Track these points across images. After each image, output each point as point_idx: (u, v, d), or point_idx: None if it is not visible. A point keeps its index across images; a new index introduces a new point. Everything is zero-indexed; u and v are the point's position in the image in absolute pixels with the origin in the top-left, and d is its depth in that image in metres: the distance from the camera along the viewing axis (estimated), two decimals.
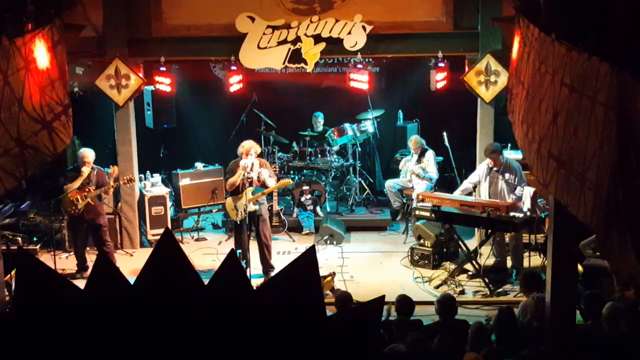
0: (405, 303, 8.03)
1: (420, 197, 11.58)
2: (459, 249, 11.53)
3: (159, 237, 3.22)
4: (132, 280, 2.97)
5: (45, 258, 11.44)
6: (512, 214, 10.47)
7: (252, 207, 10.97)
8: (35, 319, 2.87)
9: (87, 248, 11.70)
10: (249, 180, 10.94)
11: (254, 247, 11.18)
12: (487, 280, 10.63)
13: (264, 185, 11.06)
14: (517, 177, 10.98)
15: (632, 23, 5.23)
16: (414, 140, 13.15)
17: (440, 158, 13.42)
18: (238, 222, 10.94)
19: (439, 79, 12.28)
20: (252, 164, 10.94)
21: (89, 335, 2.85)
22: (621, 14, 5.47)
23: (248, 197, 10.89)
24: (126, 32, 12.00)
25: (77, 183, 11.11)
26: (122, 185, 11.85)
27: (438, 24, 11.98)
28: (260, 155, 11.37)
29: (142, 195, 12.89)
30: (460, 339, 7.19)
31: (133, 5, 12.02)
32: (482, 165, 11.39)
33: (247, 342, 2.87)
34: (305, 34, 11.85)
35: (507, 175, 11.03)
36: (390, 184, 13.46)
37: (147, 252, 3.77)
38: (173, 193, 13.57)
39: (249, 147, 10.90)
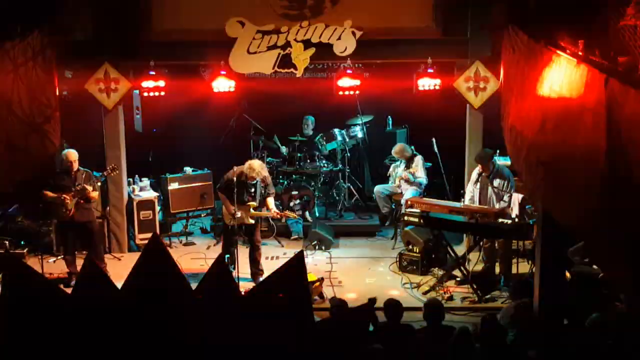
0: (393, 307, 8.01)
1: (409, 202, 11.59)
2: (448, 255, 11.53)
3: (147, 241, 3.20)
4: (119, 284, 2.96)
5: (33, 262, 11.38)
6: (500, 220, 10.48)
7: (250, 221, 11.03)
8: (22, 323, 2.86)
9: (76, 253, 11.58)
10: (251, 194, 10.99)
11: (242, 251, 11.18)
12: (475, 287, 10.63)
13: (265, 198, 11.17)
14: (507, 184, 10.99)
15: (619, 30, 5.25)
16: (397, 149, 13.11)
17: (429, 164, 13.41)
18: (234, 227, 10.94)
19: (421, 84, 12.29)
20: (256, 183, 11.02)
21: (76, 338, 2.84)
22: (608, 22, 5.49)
23: (250, 211, 10.95)
24: (116, 36, 11.94)
25: (50, 194, 11.11)
26: (108, 177, 11.94)
27: (428, 30, 11.98)
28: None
29: (130, 199, 12.85)
30: (447, 345, 7.18)
31: (123, 9, 11.96)
32: (475, 171, 11.40)
33: (235, 345, 2.86)
34: (295, 39, 11.84)
35: (497, 182, 11.04)
36: (379, 189, 13.45)
37: (135, 256, 3.77)
38: (162, 197, 13.53)
39: (257, 174, 10.96)
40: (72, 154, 11.23)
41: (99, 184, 11.68)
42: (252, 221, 11.10)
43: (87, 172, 11.39)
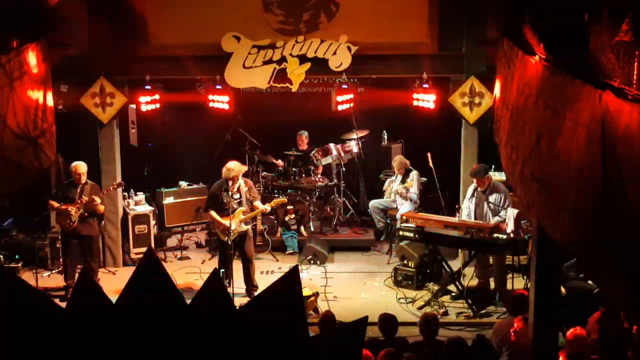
0: (387, 321, 8.00)
1: (404, 217, 11.59)
2: (443, 270, 11.53)
3: (142, 255, 3.20)
4: (114, 299, 2.95)
5: (27, 276, 11.37)
6: (495, 235, 10.48)
7: (243, 227, 11.02)
8: (15, 339, 2.85)
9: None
10: (237, 201, 10.97)
11: (236, 266, 11.16)
12: (470, 302, 10.62)
13: (251, 203, 11.15)
14: (503, 200, 10.97)
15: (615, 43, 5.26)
16: (398, 160, 13.16)
17: (424, 179, 13.43)
18: (229, 242, 10.92)
19: (416, 99, 12.32)
20: (239, 185, 10.99)
21: (69, 354, 2.83)
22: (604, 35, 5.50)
23: (240, 217, 10.91)
24: (112, 51, 11.98)
25: (56, 204, 11.18)
26: (112, 191, 12.00)
27: (423, 45, 12.02)
28: (244, 175, 11.39)
29: (125, 214, 12.84)
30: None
31: (119, 23, 11.99)
32: (471, 186, 11.40)
33: None
34: (291, 54, 11.87)
35: (493, 197, 11.03)
36: (374, 204, 13.46)
37: (130, 270, 3.76)
38: (157, 211, 13.52)
39: (238, 172, 10.93)
40: (81, 167, 11.32)
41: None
42: (246, 226, 11.10)
43: (95, 185, 11.49)
